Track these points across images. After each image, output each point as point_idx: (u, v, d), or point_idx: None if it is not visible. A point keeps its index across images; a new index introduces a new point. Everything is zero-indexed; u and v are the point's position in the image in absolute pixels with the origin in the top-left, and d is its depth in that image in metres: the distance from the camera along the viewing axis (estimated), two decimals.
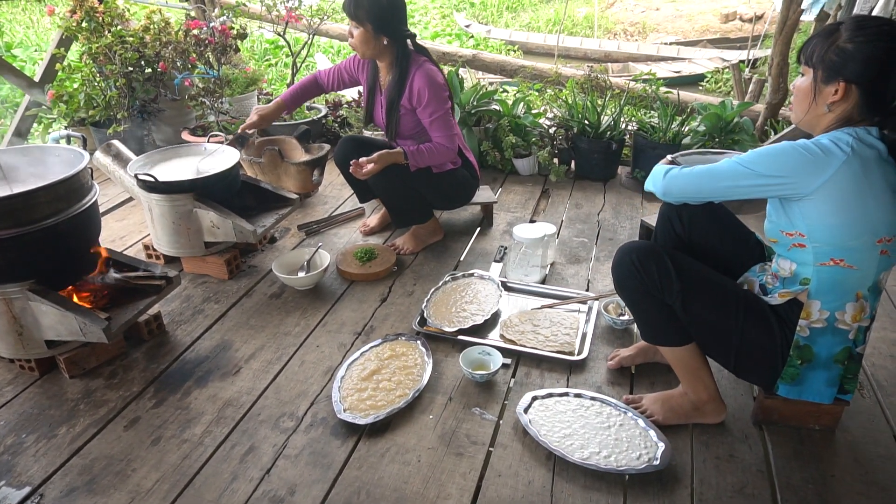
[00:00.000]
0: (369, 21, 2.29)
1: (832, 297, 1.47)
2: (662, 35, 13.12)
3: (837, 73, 1.35)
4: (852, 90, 1.35)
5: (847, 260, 1.42)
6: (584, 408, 1.77)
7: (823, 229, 1.39)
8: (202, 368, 2.01)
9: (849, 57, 1.32)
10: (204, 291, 2.44)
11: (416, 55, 2.45)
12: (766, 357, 1.57)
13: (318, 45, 8.82)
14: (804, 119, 1.47)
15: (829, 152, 1.34)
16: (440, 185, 2.59)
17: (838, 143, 1.35)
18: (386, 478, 1.59)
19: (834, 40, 1.35)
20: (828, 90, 1.38)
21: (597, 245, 2.83)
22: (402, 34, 2.39)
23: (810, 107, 1.42)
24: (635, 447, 1.62)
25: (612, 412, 1.75)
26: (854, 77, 1.33)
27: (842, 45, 1.34)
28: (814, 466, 1.63)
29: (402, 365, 1.95)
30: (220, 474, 1.60)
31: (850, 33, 1.33)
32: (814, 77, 1.39)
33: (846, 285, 1.45)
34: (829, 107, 1.39)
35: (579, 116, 3.57)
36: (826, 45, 1.36)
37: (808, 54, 1.41)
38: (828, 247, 1.41)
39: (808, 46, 1.41)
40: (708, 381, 1.69)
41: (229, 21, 3.66)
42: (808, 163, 1.35)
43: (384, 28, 2.32)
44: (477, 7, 14.68)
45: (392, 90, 2.46)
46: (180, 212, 2.38)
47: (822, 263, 1.44)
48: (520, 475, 1.60)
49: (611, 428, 1.69)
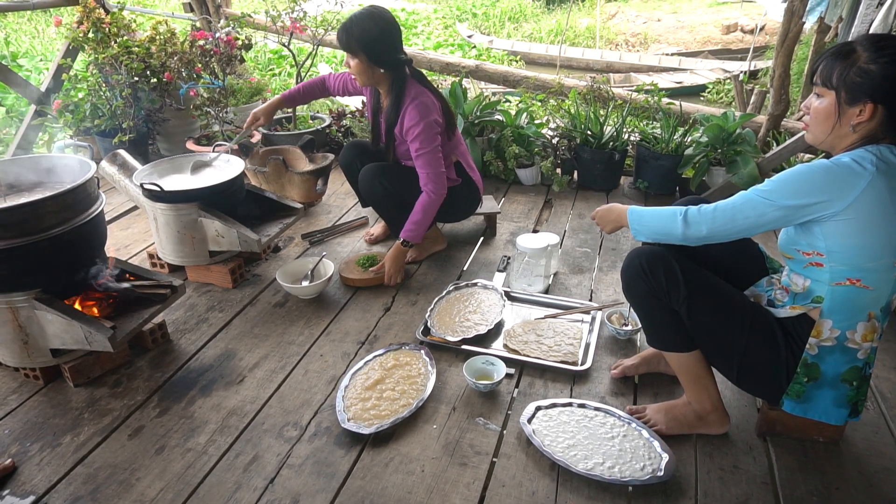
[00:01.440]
0: (363, 52, 2.31)
1: (844, 316, 1.46)
2: (664, 46, 13.17)
3: (863, 93, 1.34)
4: (878, 110, 1.35)
5: (864, 280, 1.41)
6: (588, 418, 1.77)
7: (844, 250, 1.39)
8: (206, 377, 2.01)
9: (874, 78, 1.32)
10: (208, 300, 2.45)
11: (412, 83, 2.44)
12: (769, 370, 1.56)
13: (322, 55, 8.87)
14: (827, 140, 1.45)
15: (854, 172, 1.34)
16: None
17: (861, 161, 1.34)
18: (390, 488, 1.59)
19: (853, 61, 1.35)
20: (852, 111, 1.37)
21: (599, 255, 2.83)
22: (397, 62, 2.39)
23: (833, 128, 1.41)
24: (639, 458, 1.62)
25: (615, 423, 1.75)
26: (881, 97, 1.34)
27: (864, 66, 1.33)
28: (818, 479, 1.62)
29: (405, 374, 1.96)
30: (223, 483, 1.60)
31: (872, 54, 1.33)
32: (837, 99, 1.38)
33: (859, 305, 1.44)
34: (854, 127, 1.39)
35: (582, 127, 3.59)
36: (845, 67, 1.35)
37: (826, 76, 1.39)
38: (846, 267, 1.41)
39: (824, 67, 1.40)
40: (712, 390, 1.69)
41: (234, 32, 3.69)
42: (834, 184, 1.35)
43: (377, 59, 2.34)
44: (479, 18, 14.77)
45: (389, 116, 2.48)
46: (185, 221, 2.39)
47: (837, 283, 1.43)
48: (523, 486, 1.60)
49: (615, 438, 1.69)
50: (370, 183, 2.53)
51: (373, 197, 2.59)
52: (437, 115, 2.43)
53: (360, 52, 2.31)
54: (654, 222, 1.60)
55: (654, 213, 1.60)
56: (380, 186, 2.52)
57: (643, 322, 1.72)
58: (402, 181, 2.54)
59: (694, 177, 3.32)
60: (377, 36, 2.30)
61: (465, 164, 2.66)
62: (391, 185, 2.52)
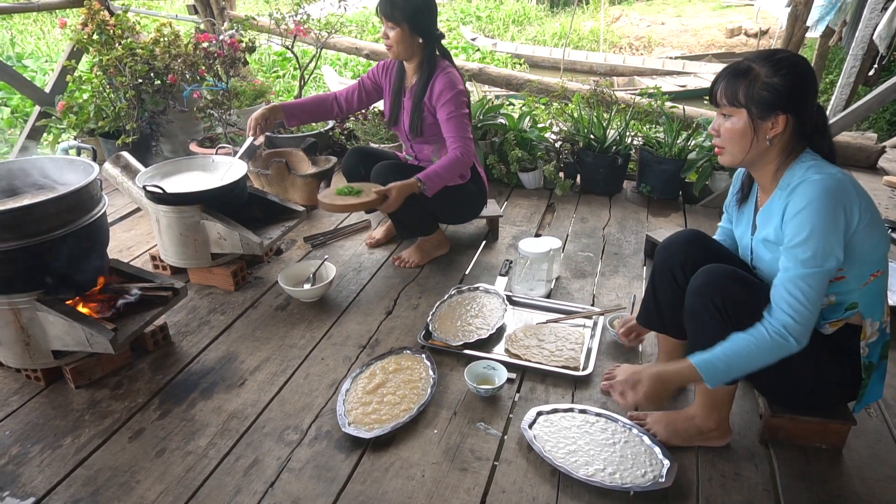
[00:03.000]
0: (405, 21, 2.35)
1: (878, 308, 1.51)
2: (668, 49, 13.16)
3: (773, 106, 1.40)
4: (789, 120, 1.41)
5: (881, 267, 1.46)
6: (590, 424, 1.76)
7: (862, 255, 1.42)
8: (207, 380, 2.01)
9: (780, 90, 1.38)
10: (210, 303, 2.45)
11: (442, 60, 2.52)
12: (836, 389, 1.57)
13: (326, 57, 8.89)
14: (746, 158, 1.49)
15: (838, 179, 1.37)
16: (447, 200, 2.59)
17: (823, 172, 1.39)
18: (390, 493, 1.58)
19: (754, 78, 1.40)
20: (765, 125, 1.42)
21: (602, 260, 2.83)
22: (435, 35, 2.46)
23: (751, 145, 1.45)
24: (640, 464, 1.61)
25: (617, 428, 1.74)
26: (790, 107, 1.40)
27: (767, 80, 1.39)
28: (820, 486, 1.61)
29: (406, 378, 1.95)
30: (223, 487, 1.60)
31: (770, 69, 1.39)
32: (749, 116, 1.42)
33: (883, 290, 1.51)
34: (771, 141, 1.44)
35: (585, 131, 3.58)
36: (749, 84, 1.40)
37: (731, 95, 1.43)
38: (867, 266, 1.44)
39: (726, 88, 1.44)
40: (724, 412, 1.68)
41: (238, 34, 3.70)
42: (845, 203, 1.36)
43: (419, 28, 2.39)
44: (483, 20, 14.79)
45: (418, 90, 2.52)
46: (188, 223, 2.40)
47: (865, 284, 1.46)
48: (524, 491, 1.59)
49: (616, 444, 1.68)
50: (385, 179, 2.48)
51: None
52: (464, 89, 2.49)
53: (403, 22, 2.36)
54: (748, 363, 1.42)
55: (742, 354, 1.41)
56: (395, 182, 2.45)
57: (692, 343, 1.59)
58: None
59: (697, 181, 3.32)
60: (422, 5, 2.36)
61: (475, 162, 2.66)
62: None
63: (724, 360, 1.42)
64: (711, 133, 1.52)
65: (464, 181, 2.62)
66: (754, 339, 1.40)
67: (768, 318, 1.41)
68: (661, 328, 1.84)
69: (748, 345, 1.40)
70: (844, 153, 4.23)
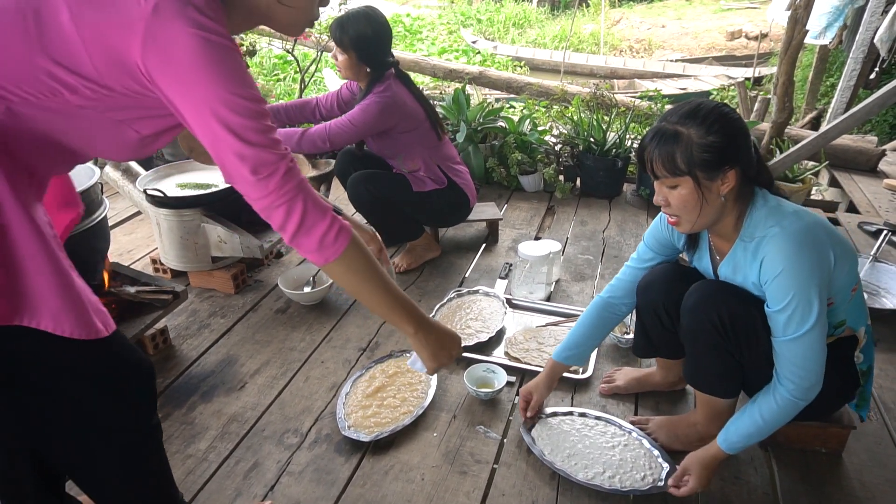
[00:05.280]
0: (353, 49, 2.39)
1: (862, 315, 1.54)
2: (668, 52, 13.18)
3: (719, 164, 1.35)
4: (737, 172, 1.37)
5: (856, 280, 1.48)
6: (589, 427, 1.76)
7: (842, 279, 1.42)
8: (207, 383, 2.01)
9: (721, 147, 1.33)
10: (210, 306, 2.46)
11: (393, 83, 2.47)
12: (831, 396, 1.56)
13: (327, 60, 8.90)
14: (707, 221, 1.44)
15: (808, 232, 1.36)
16: (422, 205, 2.63)
17: (786, 218, 1.38)
18: (390, 496, 1.58)
19: (688, 142, 1.33)
20: (715, 184, 1.37)
21: (602, 262, 2.83)
22: (384, 63, 2.46)
23: (703, 208, 1.40)
24: (640, 468, 1.61)
25: (616, 432, 1.74)
26: (735, 159, 1.35)
27: (702, 141, 1.33)
28: (820, 490, 1.61)
29: (406, 382, 1.96)
30: (223, 490, 1.60)
31: (701, 128, 1.33)
32: (696, 183, 1.36)
33: (862, 298, 1.54)
34: (725, 196, 1.40)
35: (585, 134, 3.59)
36: (685, 150, 1.34)
37: (669, 166, 1.36)
38: (847, 286, 1.45)
39: (660, 159, 1.36)
40: (726, 420, 1.64)
41: (239, 37, 3.71)
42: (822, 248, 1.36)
43: (365, 57, 2.42)
44: (484, 23, 14.80)
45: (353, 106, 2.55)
46: (188, 226, 2.40)
47: (848, 301, 1.48)
48: (524, 495, 1.59)
49: (615, 448, 1.68)
50: (356, 188, 2.57)
51: (360, 202, 2.62)
52: (396, 117, 2.47)
53: (351, 50, 2.39)
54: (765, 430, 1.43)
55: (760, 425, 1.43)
56: (366, 192, 2.55)
57: (692, 362, 1.62)
58: (389, 187, 2.57)
59: None
60: (371, 37, 2.39)
61: (449, 169, 2.66)
62: (378, 191, 2.55)
63: (747, 437, 1.44)
64: (659, 203, 1.45)
65: (439, 187, 2.63)
66: (766, 408, 1.41)
67: (777, 387, 1.41)
68: (655, 355, 1.90)
69: (761, 417, 1.42)
70: (845, 156, 4.24)
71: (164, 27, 0.90)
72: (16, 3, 0.90)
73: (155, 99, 0.97)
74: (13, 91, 0.90)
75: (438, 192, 2.63)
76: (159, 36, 0.90)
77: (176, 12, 0.90)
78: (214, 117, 0.95)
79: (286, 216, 1.05)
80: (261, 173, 1.01)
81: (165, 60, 0.91)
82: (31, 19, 0.89)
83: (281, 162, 1.02)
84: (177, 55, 0.91)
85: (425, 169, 2.60)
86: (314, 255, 1.09)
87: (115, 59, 0.91)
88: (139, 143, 1.06)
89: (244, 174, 1.01)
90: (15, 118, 0.92)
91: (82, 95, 0.93)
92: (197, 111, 0.95)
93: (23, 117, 0.93)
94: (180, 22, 0.90)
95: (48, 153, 1.00)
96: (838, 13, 5.17)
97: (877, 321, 1.84)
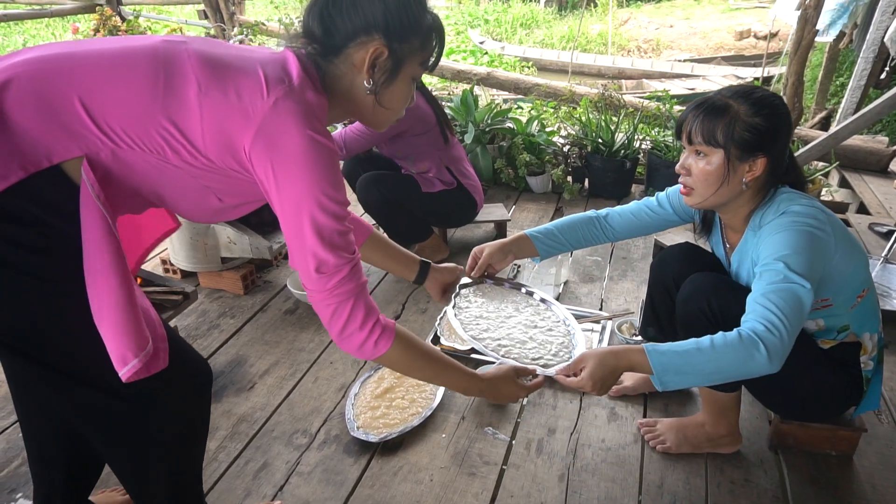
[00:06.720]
0: None
1: (873, 320, 1.50)
2: (676, 52, 13.12)
3: (754, 148, 1.32)
4: (766, 163, 1.34)
5: (866, 286, 1.45)
6: (527, 303, 1.66)
7: (844, 282, 1.40)
8: (217, 383, 2.02)
9: (763, 131, 1.30)
10: (220, 306, 2.47)
11: None
12: (832, 400, 1.56)
13: None
14: (718, 200, 1.41)
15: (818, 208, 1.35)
16: (430, 206, 2.65)
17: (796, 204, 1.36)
18: (398, 497, 1.59)
19: (734, 117, 1.31)
20: (742, 167, 1.34)
21: (610, 264, 2.82)
22: None
23: (725, 187, 1.36)
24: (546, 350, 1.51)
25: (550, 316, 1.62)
26: (770, 149, 1.33)
27: (748, 119, 1.30)
28: (830, 493, 1.61)
29: (415, 383, 1.96)
30: (233, 490, 1.61)
31: (751, 107, 1.31)
32: (726, 156, 1.33)
33: (874, 304, 1.50)
34: (747, 184, 1.37)
35: (593, 135, 3.59)
36: (728, 123, 1.31)
37: (708, 134, 1.33)
38: (852, 290, 1.43)
39: (702, 125, 1.34)
40: (732, 418, 1.67)
41: (248, 39, 3.73)
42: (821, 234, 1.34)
43: None
44: (491, 24, 14.80)
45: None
46: (198, 227, 2.42)
47: (853, 307, 1.45)
48: (532, 496, 1.59)
49: (536, 328, 1.58)
50: (367, 190, 2.59)
51: (369, 203, 2.64)
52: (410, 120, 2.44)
53: None
54: (708, 365, 1.22)
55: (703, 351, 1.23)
56: (377, 193, 2.57)
57: None
58: (399, 188, 2.59)
59: None
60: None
61: (457, 170, 2.68)
62: (389, 193, 2.56)
63: (681, 354, 1.24)
64: (679, 171, 1.42)
65: (448, 188, 2.65)
66: (721, 337, 1.23)
67: (742, 326, 1.28)
68: (660, 335, 1.86)
69: (711, 343, 1.23)
70: (855, 157, 4.21)
71: (278, 122, 0.97)
72: (152, 58, 0.97)
73: (249, 182, 1.04)
74: (123, 137, 0.95)
75: (447, 192, 2.64)
76: (273, 130, 0.97)
77: (291, 111, 0.98)
78: (307, 214, 1.01)
79: (331, 317, 1.11)
80: (323, 272, 1.06)
81: (273, 152, 0.97)
82: (161, 80, 0.96)
83: (346, 265, 1.07)
84: (285, 150, 0.97)
85: (435, 170, 2.61)
86: (356, 355, 1.16)
87: (225, 139, 0.98)
88: (219, 210, 1.14)
89: (309, 269, 1.06)
90: (117, 162, 0.97)
91: (182, 158, 0.99)
92: (292, 204, 1.01)
93: (124, 163, 0.98)
94: (295, 119, 0.97)
95: (133, 201, 1.07)
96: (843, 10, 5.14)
97: (887, 323, 1.83)
